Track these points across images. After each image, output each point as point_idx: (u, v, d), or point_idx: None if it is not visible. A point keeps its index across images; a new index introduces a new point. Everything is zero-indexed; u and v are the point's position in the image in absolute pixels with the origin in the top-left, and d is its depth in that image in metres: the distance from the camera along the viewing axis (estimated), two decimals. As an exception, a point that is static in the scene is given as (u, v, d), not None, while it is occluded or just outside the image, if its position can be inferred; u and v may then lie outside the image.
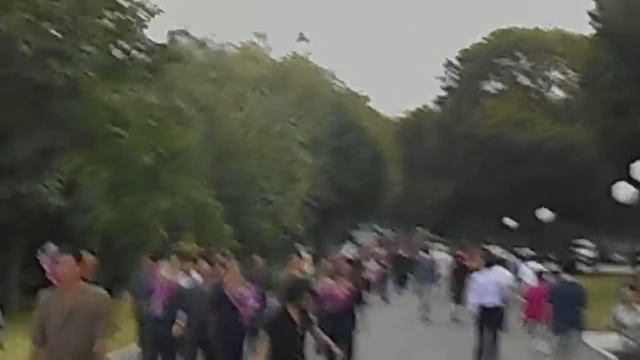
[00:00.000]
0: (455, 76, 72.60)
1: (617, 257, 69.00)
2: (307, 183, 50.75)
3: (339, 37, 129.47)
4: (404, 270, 37.33)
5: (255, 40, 59.66)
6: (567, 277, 16.42)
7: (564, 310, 14.94)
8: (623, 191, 19.44)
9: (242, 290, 13.03)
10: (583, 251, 65.97)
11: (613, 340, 15.74)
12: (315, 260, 26.59)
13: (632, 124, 38.44)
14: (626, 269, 51.53)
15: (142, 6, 27.21)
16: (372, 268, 29.42)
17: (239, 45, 57.85)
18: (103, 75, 26.31)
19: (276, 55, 62.45)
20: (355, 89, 73.50)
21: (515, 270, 24.10)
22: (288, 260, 20.68)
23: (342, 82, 70.63)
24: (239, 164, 43.06)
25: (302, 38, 66.43)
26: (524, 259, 32.57)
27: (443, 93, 74.21)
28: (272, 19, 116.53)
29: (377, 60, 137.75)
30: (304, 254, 22.20)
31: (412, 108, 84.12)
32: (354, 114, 66.72)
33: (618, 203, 23.58)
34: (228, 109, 44.62)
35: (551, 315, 15.44)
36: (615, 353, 15.38)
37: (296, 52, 64.76)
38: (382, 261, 34.30)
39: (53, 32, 24.71)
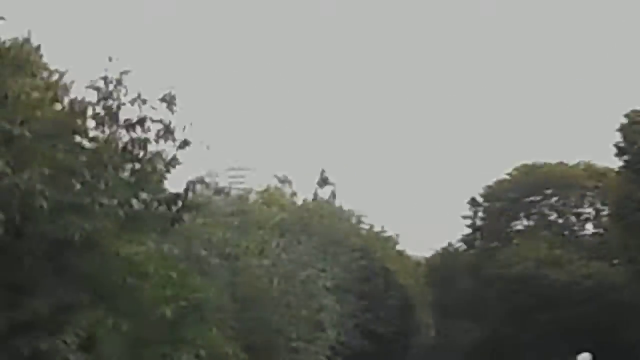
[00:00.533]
0: (481, 214, 72.10)
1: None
2: (335, 330, 49.93)
3: (362, 177, 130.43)
4: None
5: (279, 184, 59.90)
6: None
7: None
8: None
9: None
10: None
11: None
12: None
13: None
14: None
15: (161, 157, 26.89)
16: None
17: (261, 190, 57.94)
18: (122, 227, 26.00)
19: (299, 197, 62.25)
20: (379, 229, 73.15)
21: None
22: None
23: (368, 224, 70.42)
24: (264, 313, 42.51)
25: (324, 181, 66.91)
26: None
27: (469, 231, 73.58)
28: (294, 160, 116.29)
29: (402, 199, 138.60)
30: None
31: (439, 248, 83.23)
32: (380, 257, 66.15)
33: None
34: (251, 256, 44.17)
35: None
36: None
37: (319, 196, 64.66)
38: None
39: (74, 184, 24.39)
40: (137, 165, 27.17)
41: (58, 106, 25.59)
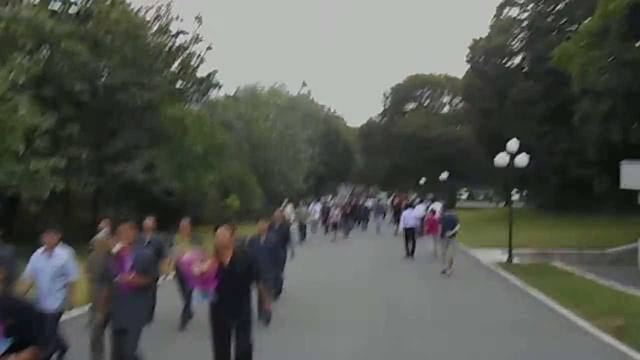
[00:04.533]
0: (389, 102, 68.63)
1: (479, 198, 67.08)
2: (307, 163, 47.37)
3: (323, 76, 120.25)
4: (363, 213, 31.70)
5: (278, 84, 56.40)
6: (449, 211, 17.06)
7: (445, 227, 15.29)
8: (501, 159, 15.46)
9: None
10: (463, 196, 63.59)
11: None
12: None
13: (495, 123, 34.89)
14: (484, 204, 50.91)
15: (196, 55, 22.94)
16: (335, 214, 24.76)
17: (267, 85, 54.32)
18: (170, 98, 22.23)
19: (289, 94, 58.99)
20: (334, 111, 70.27)
21: (426, 207, 22.76)
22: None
23: (328, 108, 67.48)
24: (266, 152, 39.64)
25: (304, 84, 64.05)
26: (431, 200, 30.95)
27: (381, 110, 70.60)
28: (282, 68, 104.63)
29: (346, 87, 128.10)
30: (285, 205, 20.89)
31: (365, 120, 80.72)
32: (334, 127, 63.66)
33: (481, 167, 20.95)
34: (260, 120, 41.02)
35: (441, 230, 15.70)
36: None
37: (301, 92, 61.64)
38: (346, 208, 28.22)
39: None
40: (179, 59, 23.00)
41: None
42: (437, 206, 20.86)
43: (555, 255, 18.63)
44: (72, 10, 20.77)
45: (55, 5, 20.09)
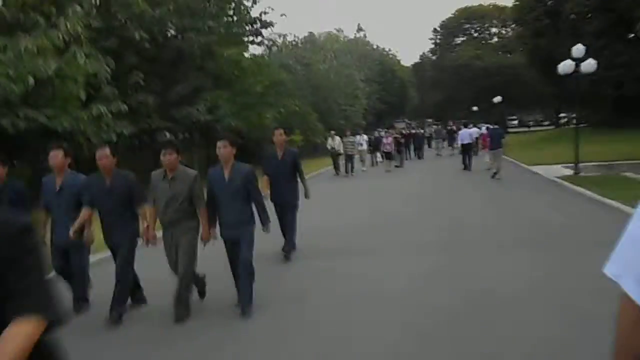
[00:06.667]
0: (439, 37, 63.68)
1: (529, 123, 62.64)
2: (365, 100, 44.73)
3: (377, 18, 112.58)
4: (418, 141, 28.91)
5: (335, 29, 53.39)
6: (495, 127, 16.54)
7: (493, 139, 15.31)
8: (566, 66, 12.77)
9: None
10: (514, 121, 59.52)
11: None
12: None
13: (547, 44, 30.81)
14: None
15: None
16: (387, 141, 21.48)
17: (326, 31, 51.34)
18: (227, 41, 20.31)
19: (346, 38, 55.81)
20: (387, 49, 66.15)
21: (479, 129, 22.18)
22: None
23: (382, 48, 63.52)
24: (326, 91, 37.37)
25: (359, 28, 60.24)
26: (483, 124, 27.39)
27: (433, 46, 65.77)
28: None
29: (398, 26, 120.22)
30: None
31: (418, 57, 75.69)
32: (389, 64, 59.86)
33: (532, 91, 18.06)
34: (319, 62, 38.52)
35: (490, 142, 15.82)
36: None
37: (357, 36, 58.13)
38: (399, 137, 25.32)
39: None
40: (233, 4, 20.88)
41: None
42: (484, 128, 20.52)
43: (623, 167, 15.84)
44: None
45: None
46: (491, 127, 17.89)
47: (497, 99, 35.92)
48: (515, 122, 63.75)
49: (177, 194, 4.84)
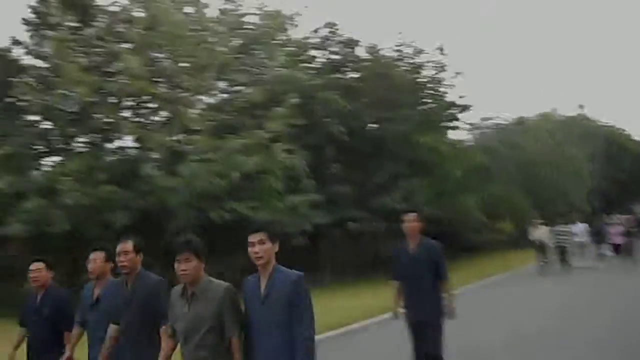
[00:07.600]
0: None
1: None
2: (588, 181, 37.75)
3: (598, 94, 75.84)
4: None
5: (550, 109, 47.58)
6: None
7: None
8: None
9: None
10: None
11: None
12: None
13: None
14: None
15: (443, 82, 19.59)
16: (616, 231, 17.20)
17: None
18: (423, 127, 19.11)
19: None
20: (613, 124, 55.59)
21: None
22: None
23: (607, 123, 53.84)
24: (539, 171, 32.22)
25: (580, 106, 51.78)
26: None
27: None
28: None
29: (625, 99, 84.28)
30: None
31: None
32: (616, 139, 50.59)
33: None
34: (530, 142, 33.88)
35: None
36: None
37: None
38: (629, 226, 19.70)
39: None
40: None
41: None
42: None
43: None
44: (321, 61, 19.75)
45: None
46: None
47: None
48: None
49: (198, 319, 3.13)
